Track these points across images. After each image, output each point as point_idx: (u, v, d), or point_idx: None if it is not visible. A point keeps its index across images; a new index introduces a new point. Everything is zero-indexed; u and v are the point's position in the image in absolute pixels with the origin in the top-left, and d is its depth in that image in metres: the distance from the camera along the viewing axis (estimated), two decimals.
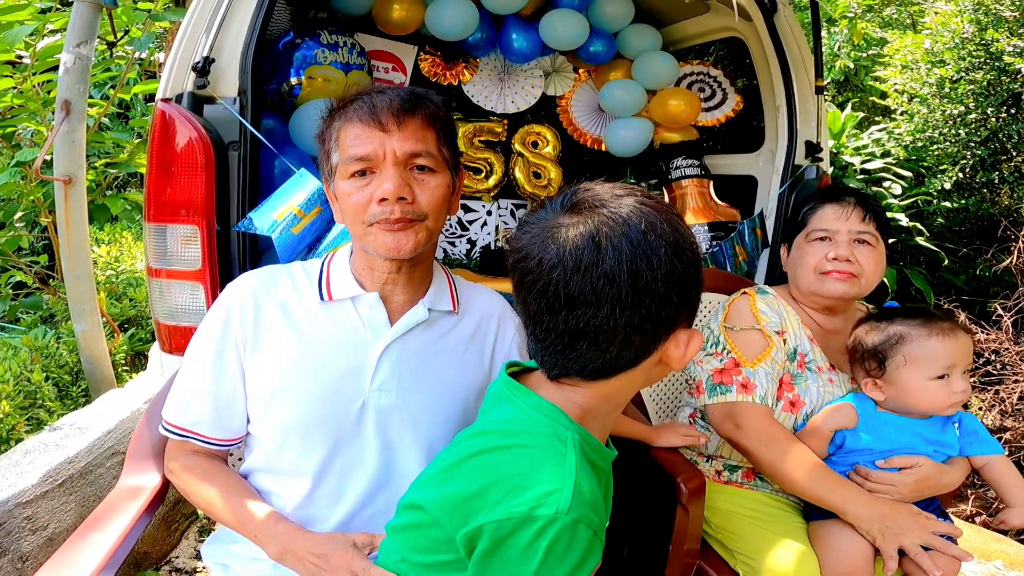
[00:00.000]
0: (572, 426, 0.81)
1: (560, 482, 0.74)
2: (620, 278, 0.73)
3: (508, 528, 0.73)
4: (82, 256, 2.10)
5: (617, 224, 0.75)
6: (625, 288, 0.73)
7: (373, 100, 1.01)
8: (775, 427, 1.36)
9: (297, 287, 1.09)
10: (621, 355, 0.78)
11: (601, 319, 0.75)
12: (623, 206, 0.76)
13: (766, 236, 2.50)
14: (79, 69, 1.97)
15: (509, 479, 0.75)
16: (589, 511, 0.74)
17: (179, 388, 1.08)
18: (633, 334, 0.76)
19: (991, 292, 3.38)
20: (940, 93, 3.44)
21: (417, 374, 1.07)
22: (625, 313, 0.74)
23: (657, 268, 0.74)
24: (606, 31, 2.77)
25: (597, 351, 0.77)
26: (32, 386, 2.11)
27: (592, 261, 0.73)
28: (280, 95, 2.15)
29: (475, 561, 0.75)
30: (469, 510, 0.76)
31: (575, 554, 0.73)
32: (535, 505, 0.72)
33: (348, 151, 1.00)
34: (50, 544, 1.53)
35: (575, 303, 0.75)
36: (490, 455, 0.80)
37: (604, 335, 0.76)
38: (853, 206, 1.43)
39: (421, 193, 1.01)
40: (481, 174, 2.93)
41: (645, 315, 0.75)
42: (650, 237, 0.74)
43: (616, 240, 0.74)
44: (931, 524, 1.23)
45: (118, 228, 4.07)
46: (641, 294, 0.74)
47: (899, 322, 1.31)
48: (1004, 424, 2.78)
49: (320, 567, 0.93)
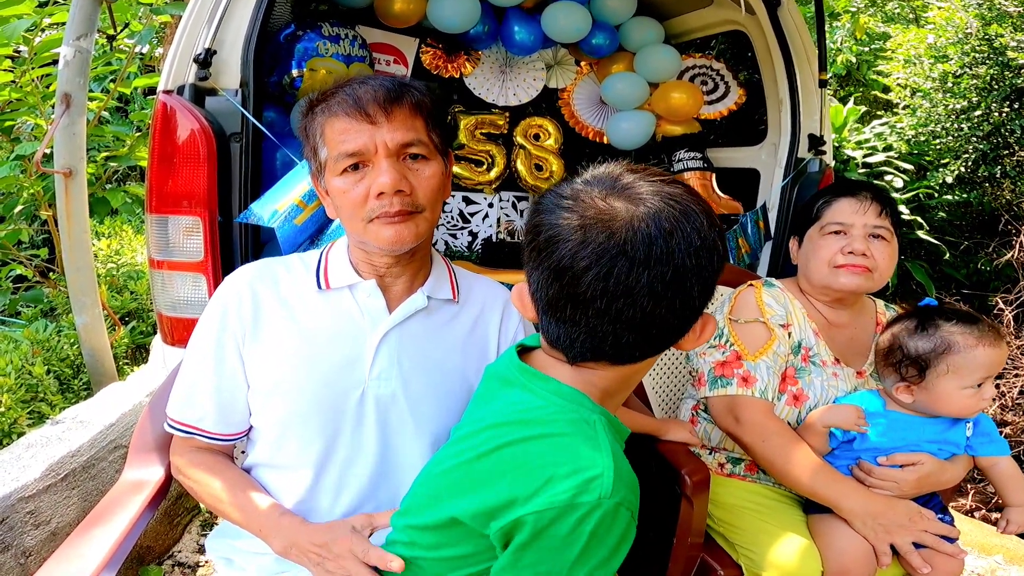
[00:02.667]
0: (597, 409, 0.80)
1: (600, 467, 0.72)
2: (684, 272, 0.72)
3: (549, 518, 0.71)
4: (83, 249, 2.09)
5: (682, 215, 0.73)
6: (690, 281, 0.73)
7: (356, 92, 0.98)
8: (774, 421, 1.36)
9: (294, 278, 1.08)
10: (657, 341, 0.78)
11: (657, 308, 0.73)
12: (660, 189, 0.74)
13: (768, 229, 2.50)
14: (79, 62, 1.96)
15: (544, 469, 0.74)
16: (629, 493, 0.74)
17: (181, 384, 1.08)
18: (675, 322, 0.76)
19: (992, 286, 3.38)
20: (943, 88, 3.42)
21: (417, 362, 1.06)
22: (687, 303, 0.74)
23: (719, 262, 0.75)
24: (608, 24, 2.76)
25: (640, 337, 0.76)
26: (33, 380, 2.11)
27: (663, 252, 0.71)
28: (281, 87, 2.15)
29: (512, 550, 0.74)
30: (500, 504, 0.75)
31: (614, 537, 0.73)
32: (577, 492, 0.71)
33: (338, 147, 0.98)
34: (53, 539, 1.52)
35: (634, 296, 0.72)
36: (518, 446, 0.78)
37: (655, 324, 0.75)
38: (870, 200, 1.42)
39: (417, 184, 1.00)
40: (483, 166, 2.93)
41: (694, 306, 0.75)
42: (711, 231, 0.74)
43: (686, 233, 0.72)
44: (925, 522, 1.24)
45: (118, 221, 4.06)
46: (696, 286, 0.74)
47: (945, 329, 1.26)
48: (1005, 418, 2.78)
49: (324, 556, 0.92)
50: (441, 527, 0.82)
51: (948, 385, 1.25)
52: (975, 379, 1.24)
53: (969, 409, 1.27)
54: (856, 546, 1.24)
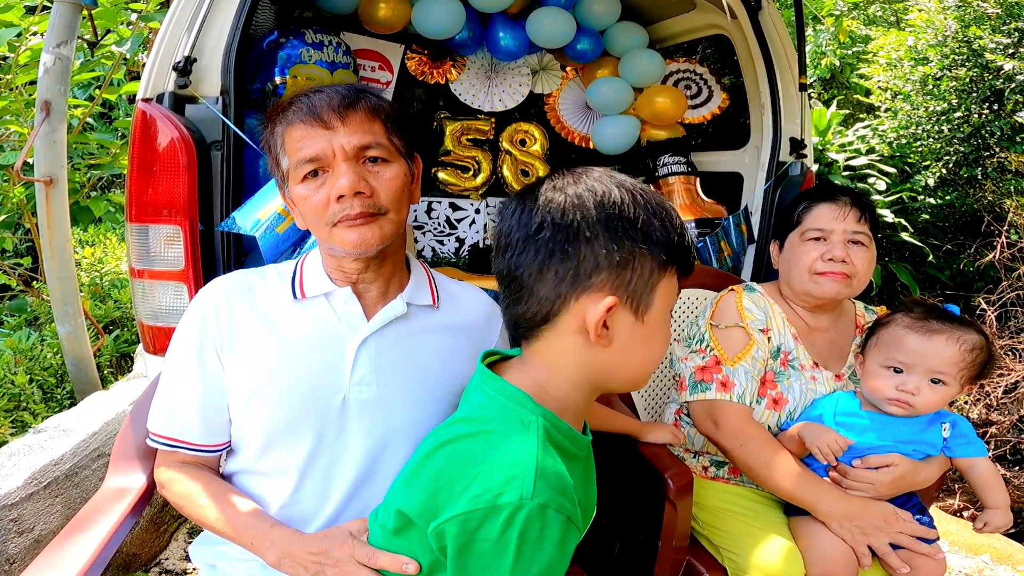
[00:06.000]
0: (538, 409, 0.79)
1: (522, 467, 0.72)
2: (540, 211, 0.78)
3: (475, 520, 0.71)
4: (65, 258, 2.08)
5: (577, 175, 0.80)
6: (540, 218, 0.77)
7: (312, 100, 0.99)
8: (751, 426, 1.37)
9: (270, 288, 1.08)
10: (531, 306, 0.80)
11: (516, 258, 0.79)
12: (596, 169, 0.82)
13: (751, 232, 2.51)
14: (59, 69, 1.96)
15: (473, 468, 0.74)
16: (557, 495, 0.72)
17: (161, 397, 1.07)
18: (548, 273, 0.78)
19: (975, 287, 3.41)
20: (924, 90, 3.46)
21: (397, 368, 1.06)
22: (530, 246, 0.78)
23: (594, 209, 0.77)
24: (593, 29, 2.77)
25: (516, 300, 0.81)
26: (16, 388, 2.09)
27: (534, 198, 0.79)
28: (264, 94, 2.14)
29: (451, 560, 0.74)
30: (438, 503, 0.75)
31: (550, 542, 0.71)
32: (498, 492, 0.70)
33: (296, 154, 0.99)
34: (37, 546, 1.52)
35: (503, 247, 0.80)
36: (456, 444, 0.79)
37: (517, 279, 0.80)
38: (849, 206, 1.43)
39: (378, 186, 1.00)
40: (469, 172, 2.93)
41: (548, 256, 0.77)
42: (598, 185, 0.78)
43: (565, 184, 0.79)
44: (900, 524, 1.25)
45: (102, 229, 4.04)
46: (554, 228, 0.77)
47: (907, 312, 1.34)
48: (990, 418, 2.80)
49: (322, 563, 0.91)
50: (399, 529, 0.83)
51: (872, 357, 1.34)
52: (893, 360, 1.29)
53: (879, 390, 1.30)
54: (837, 548, 1.25)
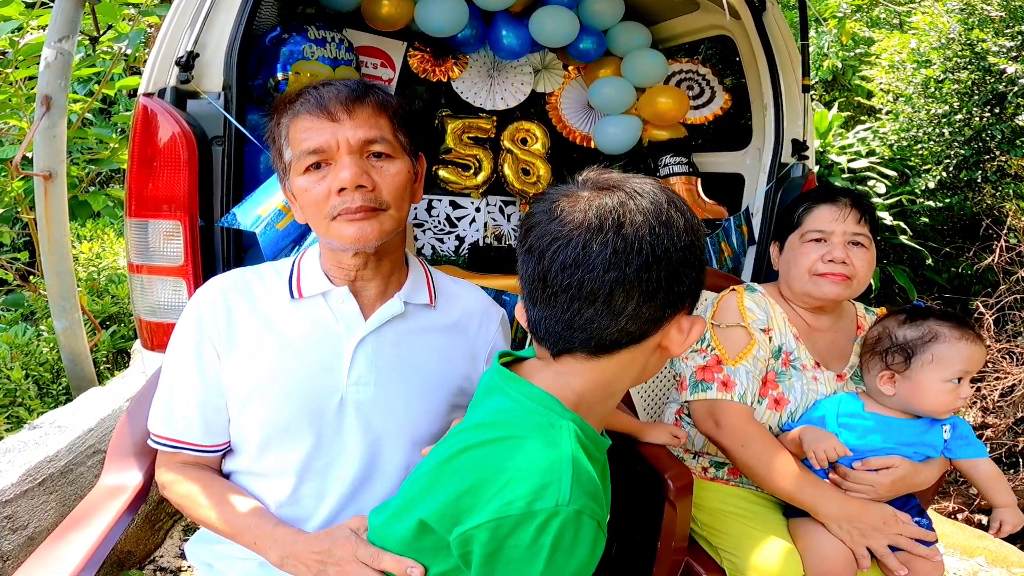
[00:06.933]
0: (568, 414, 0.78)
1: (558, 472, 0.70)
2: (641, 241, 0.74)
3: (507, 526, 0.70)
4: (62, 253, 2.07)
5: (641, 196, 0.77)
6: (646, 251, 0.74)
7: (320, 92, 0.99)
8: (753, 426, 1.36)
9: (267, 287, 1.08)
10: (628, 327, 0.77)
11: (615, 281, 0.74)
12: (645, 183, 0.79)
13: (752, 233, 2.51)
14: (60, 64, 1.94)
15: (502, 473, 0.72)
16: (591, 501, 0.71)
17: (161, 397, 1.06)
18: (644, 303, 0.76)
19: (973, 290, 3.42)
20: (925, 93, 3.46)
21: (395, 367, 1.06)
22: (641, 276, 0.74)
23: (676, 239, 0.76)
24: (596, 28, 2.77)
25: (606, 317, 0.76)
26: (12, 384, 2.08)
27: (615, 223, 0.74)
28: (266, 90, 2.14)
29: (477, 566, 0.72)
30: (461, 510, 0.73)
31: (583, 548, 0.71)
32: (533, 499, 0.69)
33: (300, 145, 0.98)
34: (31, 543, 1.51)
35: (592, 264, 0.74)
36: (481, 449, 0.77)
37: (616, 299, 0.75)
38: (849, 208, 1.43)
39: (381, 181, 0.99)
40: (470, 171, 2.92)
41: (658, 285, 0.76)
42: (671, 210, 0.77)
43: (640, 206, 0.76)
44: (899, 526, 1.25)
45: (100, 224, 4.02)
46: (659, 261, 0.75)
47: (934, 321, 1.31)
48: (986, 421, 2.81)
49: (325, 562, 0.90)
50: (414, 537, 0.81)
51: (930, 375, 1.28)
52: (956, 371, 1.27)
53: (945, 405, 1.29)
54: (836, 550, 1.25)
